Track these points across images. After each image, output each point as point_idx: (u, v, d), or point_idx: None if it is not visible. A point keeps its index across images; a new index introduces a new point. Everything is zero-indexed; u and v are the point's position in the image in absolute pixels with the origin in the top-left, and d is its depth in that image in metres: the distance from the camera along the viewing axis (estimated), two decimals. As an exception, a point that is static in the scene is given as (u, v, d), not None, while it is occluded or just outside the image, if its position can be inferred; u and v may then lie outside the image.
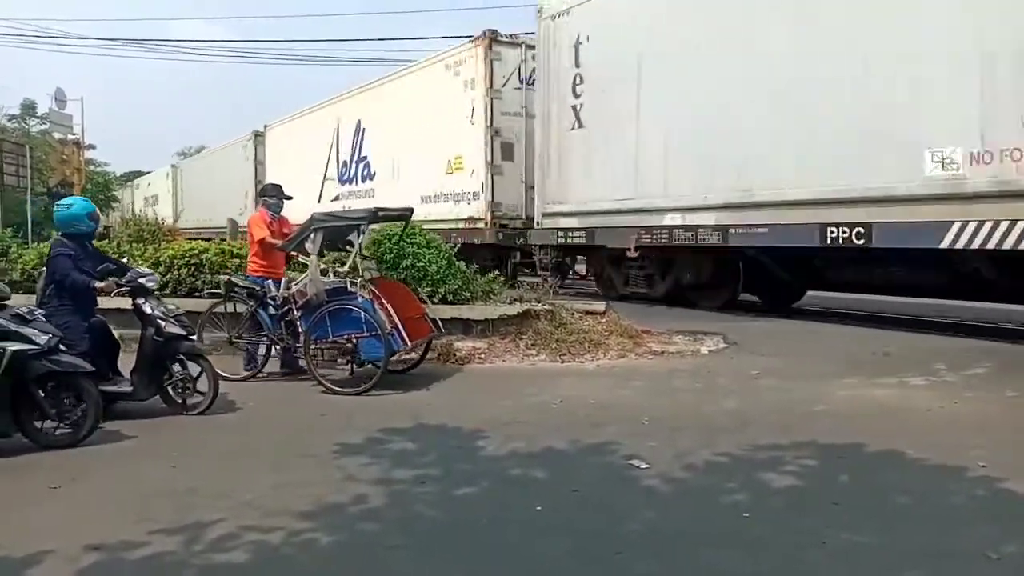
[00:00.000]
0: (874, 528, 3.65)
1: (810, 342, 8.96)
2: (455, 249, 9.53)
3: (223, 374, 7.40)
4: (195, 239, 12.65)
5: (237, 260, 9.70)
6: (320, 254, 7.43)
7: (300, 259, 7.93)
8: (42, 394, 5.28)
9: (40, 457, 5.14)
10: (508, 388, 6.90)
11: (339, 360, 7.52)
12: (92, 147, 36.71)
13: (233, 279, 7.70)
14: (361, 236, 7.64)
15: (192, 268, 9.68)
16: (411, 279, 8.61)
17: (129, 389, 6.15)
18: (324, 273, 7.39)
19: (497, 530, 3.83)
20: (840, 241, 9.03)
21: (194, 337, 6.50)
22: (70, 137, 23.42)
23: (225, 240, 13.13)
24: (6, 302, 5.42)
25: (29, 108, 37.77)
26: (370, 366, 7.22)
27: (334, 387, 6.98)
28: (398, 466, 4.73)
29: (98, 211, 6.64)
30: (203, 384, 6.27)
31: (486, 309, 8.69)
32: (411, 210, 8.23)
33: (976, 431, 5.24)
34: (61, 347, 5.41)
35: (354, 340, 7.03)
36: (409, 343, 7.33)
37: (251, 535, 3.69)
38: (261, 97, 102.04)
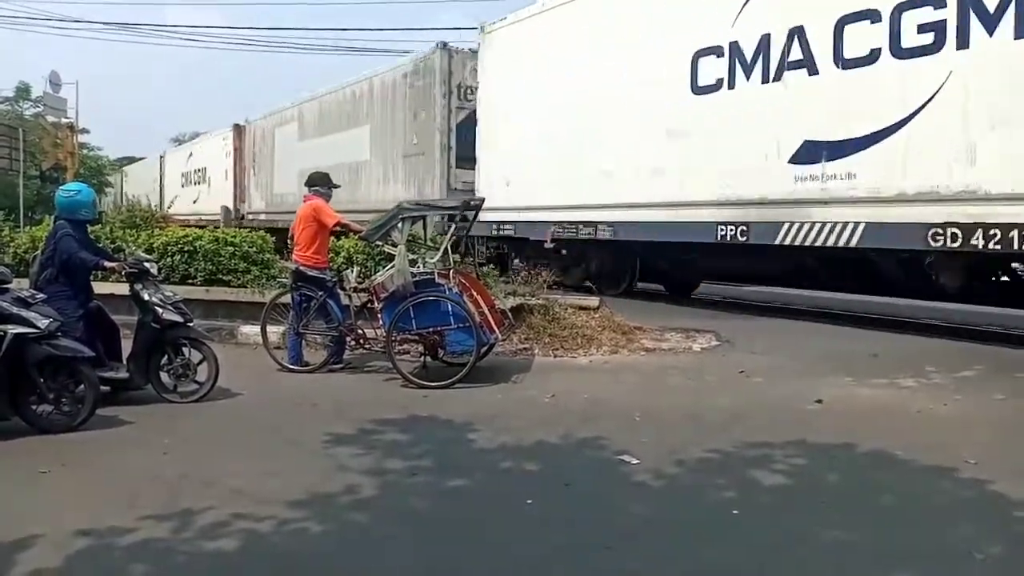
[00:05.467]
0: (862, 527, 3.67)
1: (802, 341, 9.00)
2: None
3: (287, 365, 7.50)
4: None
5: (231, 248, 9.69)
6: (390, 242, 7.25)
7: (386, 249, 7.73)
8: (41, 378, 5.27)
9: (30, 441, 5.13)
10: (500, 382, 6.90)
11: (412, 352, 7.36)
12: (86, 131, 36.50)
13: (301, 268, 7.49)
14: (453, 225, 7.57)
15: (186, 255, 9.66)
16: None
17: (126, 376, 6.14)
18: (411, 263, 7.14)
19: (487, 522, 3.84)
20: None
21: (192, 323, 6.46)
22: (64, 121, 23.29)
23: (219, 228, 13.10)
24: (7, 285, 5.41)
25: (23, 91, 37.46)
26: (438, 361, 7.18)
27: (420, 381, 6.78)
28: (389, 457, 4.73)
29: (93, 198, 6.55)
30: (202, 371, 6.27)
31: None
32: (483, 200, 7.94)
33: (965, 432, 5.27)
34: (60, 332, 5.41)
35: (441, 333, 6.90)
36: (499, 334, 7.27)
37: (241, 523, 3.69)
38: (256, 84, 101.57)
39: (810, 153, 9.15)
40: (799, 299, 12.61)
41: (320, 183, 7.93)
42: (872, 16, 8.52)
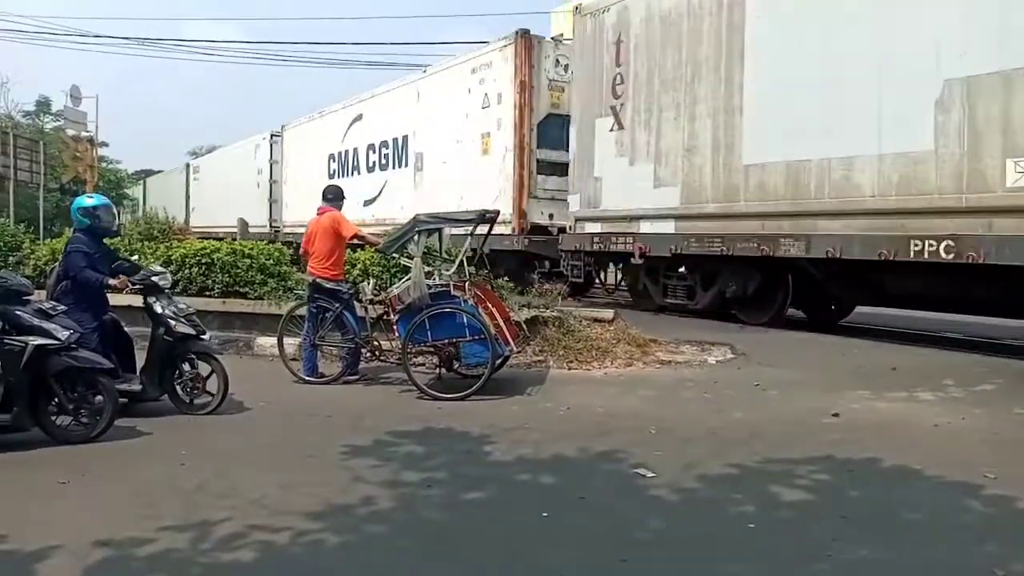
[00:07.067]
0: (881, 543, 3.64)
1: (818, 354, 8.93)
2: None
3: (303, 377, 7.53)
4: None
5: (248, 260, 9.77)
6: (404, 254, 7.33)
7: (402, 261, 7.81)
8: (61, 389, 5.33)
9: (49, 452, 5.17)
10: (515, 394, 6.90)
11: (427, 364, 7.43)
12: (105, 144, 36.90)
13: (318, 280, 7.54)
14: (470, 237, 7.64)
15: (203, 267, 9.74)
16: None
17: (139, 388, 6.19)
18: (427, 276, 7.19)
19: (503, 535, 3.84)
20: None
21: (205, 337, 6.50)
22: (84, 134, 23.54)
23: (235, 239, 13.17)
24: (28, 297, 5.48)
25: (44, 105, 38.02)
26: (453, 373, 7.20)
27: (435, 393, 6.81)
28: (405, 469, 4.75)
29: (106, 208, 6.48)
30: (212, 384, 6.30)
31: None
32: (498, 212, 8.03)
33: (984, 448, 5.22)
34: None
35: (456, 344, 6.94)
36: (514, 346, 7.30)
37: (258, 534, 3.71)
38: (274, 98, 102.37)
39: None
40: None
41: (336, 196, 8.03)
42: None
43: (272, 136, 24.42)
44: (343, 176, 19.54)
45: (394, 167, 17.40)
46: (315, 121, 21.89)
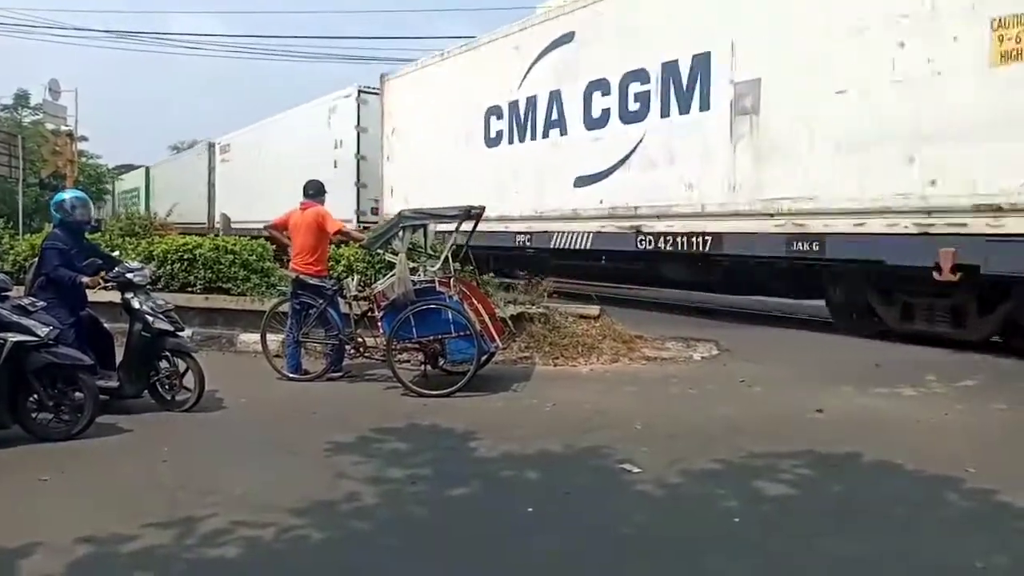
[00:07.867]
0: (864, 537, 3.67)
1: (802, 350, 8.99)
2: None
3: (286, 374, 7.45)
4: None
5: (231, 256, 9.69)
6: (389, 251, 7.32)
7: (387, 257, 7.80)
8: (41, 386, 5.26)
9: (30, 449, 5.12)
10: (501, 391, 6.89)
11: (412, 360, 7.39)
12: (84, 139, 36.54)
13: (301, 277, 7.48)
14: (456, 233, 7.59)
15: (185, 263, 9.66)
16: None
17: (116, 384, 6.11)
18: (412, 272, 7.15)
19: (488, 531, 3.83)
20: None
21: (183, 333, 6.43)
22: (63, 128, 23.32)
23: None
24: (7, 293, 5.41)
25: (22, 98, 37.54)
26: (438, 369, 7.16)
27: (420, 389, 6.76)
28: (390, 465, 4.73)
29: (81, 203, 6.33)
30: (190, 380, 6.24)
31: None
32: (483, 208, 7.99)
33: (966, 443, 5.27)
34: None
35: (441, 341, 6.91)
36: (500, 342, 7.28)
37: (242, 531, 3.69)
38: (256, 93, 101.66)
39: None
40: (799, 308, 12.61)
41: (317, 191, 7.96)
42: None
43: (360, 94, 17.04)
44: (519, 140, 13.09)
45: (665, 114, 10.60)
46: (452, 60, 14.57)
